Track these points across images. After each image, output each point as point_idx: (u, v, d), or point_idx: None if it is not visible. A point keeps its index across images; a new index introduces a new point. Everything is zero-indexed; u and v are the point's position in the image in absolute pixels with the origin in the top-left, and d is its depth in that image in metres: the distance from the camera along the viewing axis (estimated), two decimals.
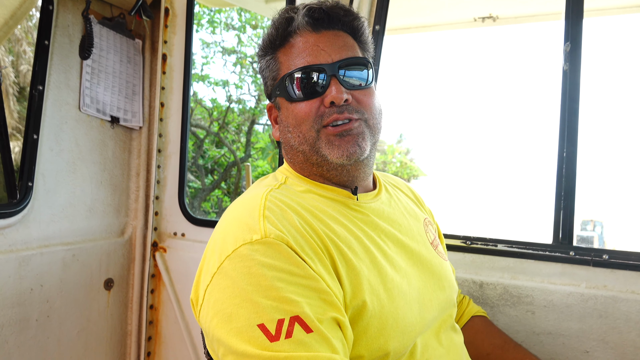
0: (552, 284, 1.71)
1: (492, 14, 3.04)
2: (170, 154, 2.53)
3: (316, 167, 1.15)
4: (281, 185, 1.15)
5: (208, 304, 0.95)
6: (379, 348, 1.00)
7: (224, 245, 0.97)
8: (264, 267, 0.91)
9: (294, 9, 1.15)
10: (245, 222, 0.99)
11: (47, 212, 2.16)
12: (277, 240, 0.94)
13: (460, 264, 1.86)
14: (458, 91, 57.58)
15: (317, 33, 1.13)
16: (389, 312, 1.02)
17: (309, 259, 0.95)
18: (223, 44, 14.41)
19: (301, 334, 0.86)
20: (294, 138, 1.14)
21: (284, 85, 1.13)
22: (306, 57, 1.11)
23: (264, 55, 1.21)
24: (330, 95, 1.08)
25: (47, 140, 2.15)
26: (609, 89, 58.09)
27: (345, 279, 0.98)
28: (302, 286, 0.91)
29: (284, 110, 1.17)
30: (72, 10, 2.23)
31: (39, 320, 2.11)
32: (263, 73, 1.22)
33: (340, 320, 0.92)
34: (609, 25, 71.29)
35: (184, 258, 2.45)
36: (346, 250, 1.02)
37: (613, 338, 1.61)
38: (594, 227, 16.36)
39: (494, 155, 42.35)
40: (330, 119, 1.09)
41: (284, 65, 1.15)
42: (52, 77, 2.16)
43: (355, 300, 0.98)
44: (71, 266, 2.23)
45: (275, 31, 1.16)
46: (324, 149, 1.10)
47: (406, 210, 1.31)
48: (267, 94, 1.24)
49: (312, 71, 1.10)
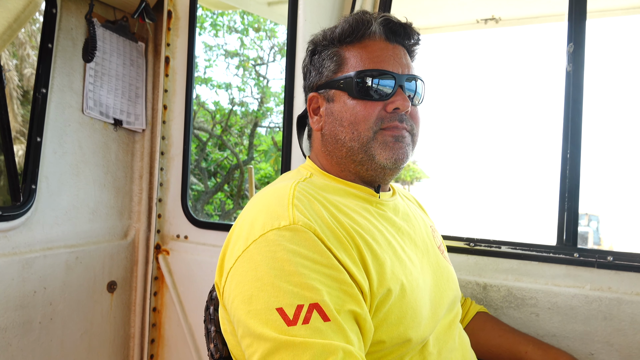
0: (556, 285, 1.70)
1: (494, 15, 3.04)
2: (173, 156, 2.53)
3: (355, 164, 1.19)
4: (306, 179, 1.18)
5: (230, 285, 0.97)
6: (399, 336, 1.02)
7: (252, 230, 0.99)
8: (290, 252, 0.93)
9: (371, 14, 1.21)
10: (274, 210, 1.01)
11: (51, 215, 2.16)
12: (305, 227, 0.96)
13: (464, 266, 1.85)
14: (461, 93, 57.42)
15: (391, 44, 1.20)
16: (409, 302, 1.05)
17: (335, 249, 0.97)
18: (226, 46, 14.42)
19: (318, 321, 0.87)
20: (345, 133, 1.17)
21: (352, 80, 1.16)
22: (380, 62, 1.17)
23: (327, 46, 1.24)
24: (398, 102, 1.15)
25: (50, 143, 2.15)
26: (608, 87, 57.70)
27: (372, 267, 1.01)
28: (324, 275, 0.93)
29: (340, 105, 1.19)
30: (75, 14, 2.24)
31: (42, 323, 2.11)
32: (322, 62, 1.25)
33: (358, 314, 0.94)
34: (612, 26, 70.86)
35: (187, 260, 2.45)
36: (370, 241, 1.05)
37: (618, 340, 1.60)
38: (589, 222, 15.93)
39: (497, 157, 42.18)
40: (391, 124, 1.15)
41: (351, 62, 1.19)
42: (56, 80, 2.17)
43: (382, 287, 1.01)
44: (74, 269, 2.23)
45: (350, 28, 1.20)
46: (375, 149, 1.15)
47: (416, 214, 1.36)
48: (316, 85, 1.26)
49: (385, 76, 1.16)
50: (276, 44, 13.92)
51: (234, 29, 13.78)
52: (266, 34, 13.93)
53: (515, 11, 3.02)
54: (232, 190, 14.42)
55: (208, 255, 2.37)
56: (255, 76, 14.40)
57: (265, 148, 15.13)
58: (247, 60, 14.23)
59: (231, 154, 14.20)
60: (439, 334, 1.17)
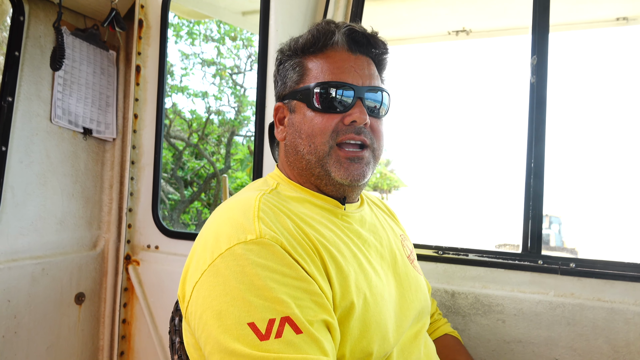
0: (521, 292, 1.73)
1: (465, 27, 3.11)
2: (144, 165, 2.50)
3: (315, 178, 1.18)
4: (272, 190, 1.17)
5: (197, 300, 0.95)
6: (361, 350, 1.02)
7: (217, 243, 0.97)
8: (258, 266, 0.92)
9: (335, 24, 1.20)
10: (239, 222, 0.99)
11: (16, 226, 2.11)
12: (272, 241, 0.96)
13: (433, 273, 1.88)
14: (436, 102, 58.35)
15: (354, 55, 1.19)
16: (373, 315, 1.05)
17: (302, 261, 0.97)
18: (202, 55, 14.36)
19: (291, 334, 0.87)
20: (303, 145, 1.16)
21: (310, 92, 1.15)
22: (340, 73, 1.16)
23: (291, 56, 1.23)
24: (355, 115, 1.13)
25: (16, 153, 2.11)
26: (570, 96, 59.55)
27: (335, 280, 1.01)
28: (294, 287, 0.92)
29: (300, 116, 1.18)
30: (44, 21, 2.20)
31: (5, 337, 2.05)
32: (286, 73, 1.24)
33: (329, 323, 0.94)
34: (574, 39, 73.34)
35: (157, 271, 2.42)
36: (335, 253, 1.05)
37: (581, 345, 1.64)
38: (550, 225, 15.60)
39: (472, 165, 42.87)
40: (346, 136, 1.13)
41: (313, 73, 1.18)
42: (23, 89, 2.13)
43: (344, 301, 1.00)
44: (40, 280, 2.18)
45: (313, 38, 1.19)
46: (330, 166, 1.14)
47: (385, 225, 1.36)
48: (281, 94, 1.26)
49: (343, 88, 1.14)
50: (253, 53, 13.93)
51: (210, 38, 13.73)
52: (243, 43, 13.93)
53: (485, 24, 3.10)
54: (209, 199, 14.28)
55: (179, 265, 2.35)
56: (232, 85, 14.36)
57: (241, 157, 15.06)
58: (224, 69, 14.18)
59: (208, 162, 14.10)
60: (404, 345, 1.17)
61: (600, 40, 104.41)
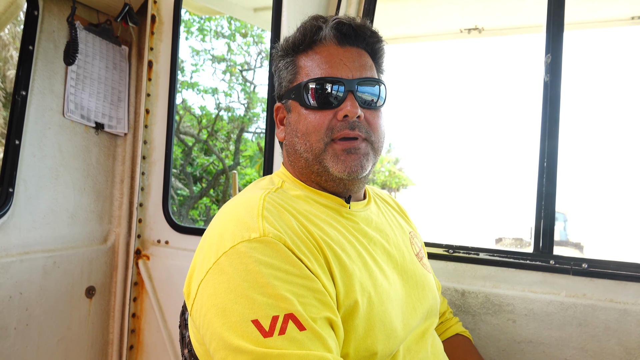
0: (532, 292, 1.72)
1: (477, 25, 3.09)
2: (155, 160, 2.52)
3: (315, 175, 1.18)
4: (278, 189, 1.17)
5: (202, 298, 0.96)
6: (366, 349, 1.02)
7: (221, 241, 0.98)
8: (261, 264, 0.92)
9: (323, 19, 1.18)
10: (243, 221, 1.00)
11: (28, 219, 2.13)
12: (275, 239, 0.96)
13: (443, 272, 1.87)
14: (447, 101, 58.06)
15: (342, 47, 1.17)
16: (377, 314, 1.04)
17: (305, 259, 0.97)
18: (213, 51, 14.39)
19: (294, 331, 0.87)
20: (300, 144, 1.16)
21: (302, 90, 1.15)
22: (328, 68, 1.14)
23: (284, 56, 1.23)
24: (346, 109, 1.11)
25: (29, 146, 2.13)
26: (588, 92, 58.99)
27: (339, 279, 1.01)
28: (297, 285, 0.92)
29: (296, 115, 1.18)
30: (57, 16, 2.22)
31: (17, 329, 2.07)
32: (280, 73, 1.24)
33: (333, 320, 0.94)
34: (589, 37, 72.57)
35: (167, 266, 2.43)
36: (339, 252, 1.05)
37: (592, 346, 1.62)
38: (555, 221, 15.62)
39: (483, 163, 42.58)
40: (341, 133, 1.12)
41: (304, 71, 1.17)
42: (36, 83, 2.14)
43: (348, 299, 1.00)
44: (52, 273, 2.20)
45: (301, 36, 1.18)
46: (328, 162, 1.13)
47: (393, 222, 1.35)
48: (279, 95, 1.26)
49: (331, 83, 1.13)
50: (263, 50, 13.94)
51: (221, 34, 13.76)
52: (253, 39, 13.94)
53: (497, 22, 3.07)
54: (218, 195, 14.35)
55: (189, 260, 2.35)
56: (242, 81, 14.38)
57: (250, 153, 15.10)
58: (234, 65, 14.21)
59: (217, 159, 14.15)
60: (410, 344, 1.16)
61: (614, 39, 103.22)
